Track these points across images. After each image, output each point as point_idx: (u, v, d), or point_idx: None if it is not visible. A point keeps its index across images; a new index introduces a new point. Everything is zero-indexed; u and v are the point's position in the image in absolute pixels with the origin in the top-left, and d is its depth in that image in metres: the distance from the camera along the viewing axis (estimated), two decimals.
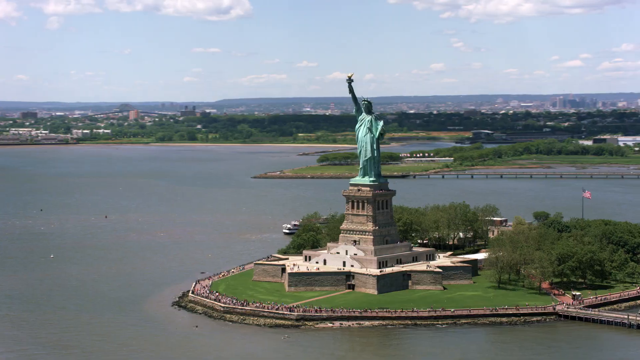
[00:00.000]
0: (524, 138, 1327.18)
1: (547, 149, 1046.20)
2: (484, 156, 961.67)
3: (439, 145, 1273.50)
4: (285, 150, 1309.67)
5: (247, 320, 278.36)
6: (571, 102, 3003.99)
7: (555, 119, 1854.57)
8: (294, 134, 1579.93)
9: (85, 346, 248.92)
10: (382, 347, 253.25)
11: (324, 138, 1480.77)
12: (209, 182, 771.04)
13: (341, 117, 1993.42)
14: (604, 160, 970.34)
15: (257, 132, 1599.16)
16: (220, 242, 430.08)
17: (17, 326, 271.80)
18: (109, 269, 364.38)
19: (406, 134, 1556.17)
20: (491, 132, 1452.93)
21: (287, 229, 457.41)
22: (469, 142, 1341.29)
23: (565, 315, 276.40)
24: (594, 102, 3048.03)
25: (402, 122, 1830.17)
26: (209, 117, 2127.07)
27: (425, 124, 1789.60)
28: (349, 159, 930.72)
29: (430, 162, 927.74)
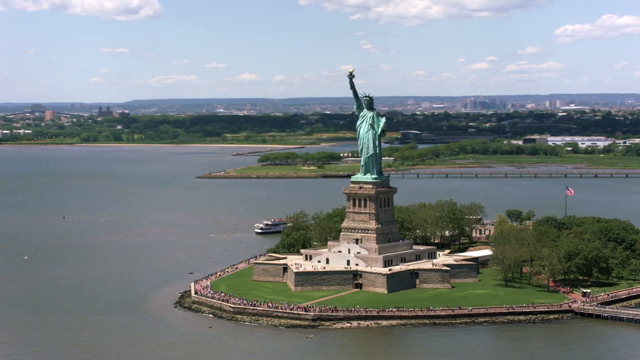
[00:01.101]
0: (452, 138, 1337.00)
1: (483, 148, 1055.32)
2: (423, 156, 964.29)
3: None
4: (215, 150, 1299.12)
5: (260, 321, 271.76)
6: (482, 103, 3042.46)
7: (476, 120, 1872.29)
8: (222, 135, 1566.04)
9: (103, 348, 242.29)
10: (406, 347, 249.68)
11: (253, 139, 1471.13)
12: (156, 182, 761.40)
13: (263, 118, 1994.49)
14: (540, 159, 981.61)
15: (184, 133, 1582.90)
16: (195, 243, 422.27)
17: (24, 328, 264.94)
18: (95, 270, 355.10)
19: (334, 135, 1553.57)
20: (419, 133, 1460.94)
21: (260, 228, 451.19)
22: (398, 142, 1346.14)
23: (581, 313, 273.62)
24: (504, 103, 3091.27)
25: (326, 122, 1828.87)
26: (128, 117, 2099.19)
27: (350, 125, 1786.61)
28: (289, 158, 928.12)
29: None
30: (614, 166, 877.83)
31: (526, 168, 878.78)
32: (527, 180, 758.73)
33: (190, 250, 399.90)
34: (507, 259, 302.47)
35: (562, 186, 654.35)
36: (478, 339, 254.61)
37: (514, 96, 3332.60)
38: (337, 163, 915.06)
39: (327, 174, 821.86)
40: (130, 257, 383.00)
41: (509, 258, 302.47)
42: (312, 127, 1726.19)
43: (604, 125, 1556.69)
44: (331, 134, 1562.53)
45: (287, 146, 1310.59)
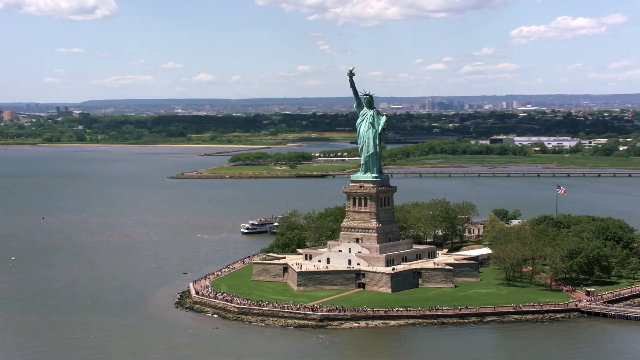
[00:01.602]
0: (417, 138, 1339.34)
1: (452, 148, 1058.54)
2: (394, 156, 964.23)
3: (336, 145, 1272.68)
4: (181, 151, 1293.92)
5: (266, 321, 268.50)
6: (440, 104, 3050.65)
7: (439, 120, 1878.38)
8: (186, 135, 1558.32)
9: (116, 350, 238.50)
10: (417, 347, 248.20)
11: (218, 139, 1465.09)
12: (129, 182, 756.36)
13: (226, 119, 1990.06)
14: (510, 159, 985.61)
15: (148, 133, 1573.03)
16: (182, 243, 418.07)
17: (28, 330, 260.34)
18: (87, 270, 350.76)
19: (300, 135, 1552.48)
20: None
21: (246, 228, 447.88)
22: None
23: (588, 312, 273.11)
24: (462, 104, 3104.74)
25: (290, 123, 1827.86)
26: (89, 117, 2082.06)
27: (313, 125, 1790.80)
28: (260, 159, 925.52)
29: (342, 162, 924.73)
30: (584, 166, 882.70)
31: (498, 168, 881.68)
32: (500, 180, 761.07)
33: (179, 250, 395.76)
34: (510, 258, 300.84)
35: (538, 186, 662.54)
36: (487, 338, 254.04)
37: (472, 97, 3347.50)
38: (308, 163, 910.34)
39: (301, 174, 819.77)
40: (120, 258, 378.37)
41: (512, 257, 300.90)
42: (276, 127, 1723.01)
43: (565, 125, 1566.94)
44: (296, 134, 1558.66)
45: (253, 146, 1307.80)
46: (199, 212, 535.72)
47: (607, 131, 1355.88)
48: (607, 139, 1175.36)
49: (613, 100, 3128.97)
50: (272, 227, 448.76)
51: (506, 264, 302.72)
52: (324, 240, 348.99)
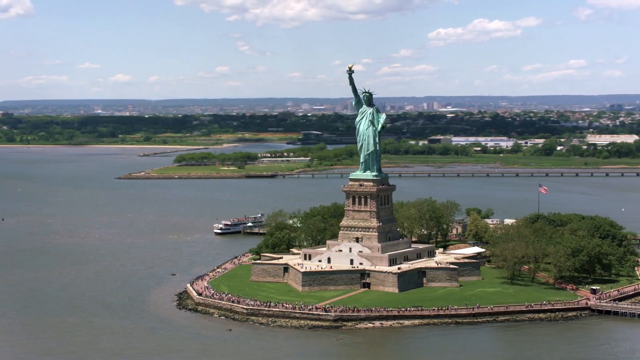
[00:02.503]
0: (353, 139, 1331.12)
1: (394, 148, 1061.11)
2: (338, 156, 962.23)
3: (274, 146, 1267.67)
4: (117, 151, 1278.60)
5: (278, 322, 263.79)
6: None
7: None
8: (118, 135, 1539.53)
9: (133, 354, 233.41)
10: (438, 346, 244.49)
11: (153, 139, 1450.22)
12: (77, 183, 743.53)
13: (155, 119, 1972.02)
14: (453, 159, 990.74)
15: (79, 134, 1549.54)
16: (158, 244, 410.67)
17: (32, 333, 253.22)
18: (74, 272, 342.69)
19: (234, 135, 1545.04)
20: (320, 133, 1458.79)
21: (219, 229, 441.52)
22: (300, 142, 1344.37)
23: (599, 310, 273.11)
24: (382, 105, 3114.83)
25: (220, 123, 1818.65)
26: (13, 117, 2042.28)
27: (245, 126, 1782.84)
28: (205, 159, 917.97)
29: (287, 162, 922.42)
30: (528, 166, 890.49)
31: (444, 168, 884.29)
32: (451, 180, 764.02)
33: (158, 251, 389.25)
34: (514, 257, 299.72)
35: (494, 185, 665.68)
36: (503, 337, 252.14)
37: (392, 98, 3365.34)
38: (253, 163, 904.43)
39: (251, 174, 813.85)
40: (101, 260, 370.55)
41: (515, 256, 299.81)
42: (208, 128, 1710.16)
43: (494, 126, 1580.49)
44: (230, 135, 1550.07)
45: (190, 147, 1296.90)
46: (163, 213, 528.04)
47: (537, 132, 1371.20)
48: (543, 139, 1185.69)
49: (529, 101, 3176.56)
50: (245, 228, 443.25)
51: (509, 262, 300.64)
52: (316, 240, 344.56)
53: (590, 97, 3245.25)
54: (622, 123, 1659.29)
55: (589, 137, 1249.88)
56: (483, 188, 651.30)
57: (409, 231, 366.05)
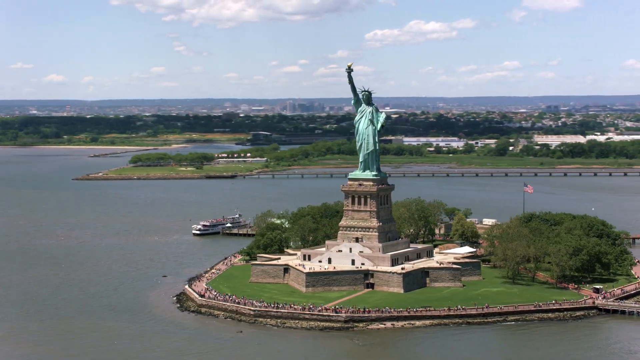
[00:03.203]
0: (302, 139, 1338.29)
1: (349, 149, 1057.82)
2: (294, 156, 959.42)
3: (225, 147, 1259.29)
4: (65, 152, 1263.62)
5: (287, 324, 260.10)
6: (301, 106, 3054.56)
7: (314, 122, 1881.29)
8: (62, 136, 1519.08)
9: (145, 356, 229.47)
10: (457, 347, 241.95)
11: (101, 140, 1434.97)
12: (37, 185, 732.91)
13: (97, 119, 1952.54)
14: (408, 159, 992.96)
15: (23, 135, 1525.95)
16: (138, 245, 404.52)
17: (37, 337, 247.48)
18: (63, 274, 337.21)
19: (181, 136, 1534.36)
20: (269, 134, 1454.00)
21: (198, 230, 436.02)
22: (249, 143, 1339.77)
23: (606, 309, 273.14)
24: (322, 106, 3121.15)
25: (165, 124, 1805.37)
26: None
27: (190, 127, 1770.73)
28: (162, 159, 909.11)
29: (243, 163, 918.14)
30: (485, 166, 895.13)
31: (401, 168, 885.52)
32: (412, 180, 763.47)
33: (141, 252, 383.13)
34: (516, 256, 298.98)
35: (458, 185, 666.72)
36: (518, 337, 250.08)
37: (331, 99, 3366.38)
38: (210, 164, 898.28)
39: (211, 174, 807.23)
40: (86, 261, 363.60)
41: (518, 255, 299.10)
42: (154, 128, 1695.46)
43: (439, 126, 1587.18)
44: (178, 136, 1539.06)
45: (141, 148, 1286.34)
46: (134, 214, 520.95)
47: (483, 132, 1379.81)
48: (493, 139, 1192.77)
49: (466, 102, 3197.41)
50: (224, 228, 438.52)
51: (511, 262, 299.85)
52: (307, 240, 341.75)
53: (525, 99, 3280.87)
54: (564, 124, 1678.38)
55: (536, 137, 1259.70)
56: (448, 188, 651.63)
57: (399, 231, 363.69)
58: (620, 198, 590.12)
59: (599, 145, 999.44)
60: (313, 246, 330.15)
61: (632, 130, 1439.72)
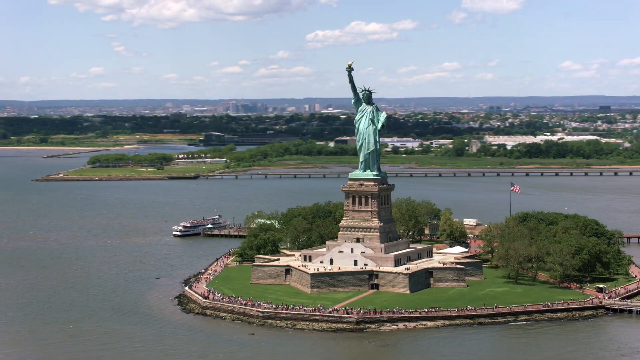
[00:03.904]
0: (254, 140, 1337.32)
1: (307, 149, 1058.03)
2: (254, 157, 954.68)
3: (175, 147, 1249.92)
4: (16, 153, 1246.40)
5: (298, 325, 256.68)
6: (244, 106, 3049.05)
7: (263, 122, 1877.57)
8: (15, 137, 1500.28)
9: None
10: (476, 348, 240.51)
11: (51, 141, 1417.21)
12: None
13: (44, 120, 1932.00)
14: None
15: None
16: (122, 247, 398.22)
17: (43, 340, 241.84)
18: (56, 276, 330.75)
19: (131, 137, 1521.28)
20: (221, 135, 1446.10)
21: (178, 231, 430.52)
22: (202, 144, 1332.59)
23: (613, 309, 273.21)
24: (265, 107, 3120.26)
25: (113, 125, 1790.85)
26: None
27: (138, 127, 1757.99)
28: (120, 160, 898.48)
29: (203, 164, 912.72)
30: (444, 166, 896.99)
31: None
32: None
33: (127, 254, 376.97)
34: (519, 256, 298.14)
35: (426, 185, 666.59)
36: (532, 337, 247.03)
37: (273, 99, 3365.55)
38: (169, 164, 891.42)
39: (173, 175, 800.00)
40: (74, 264, 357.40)
41: (520, 255, 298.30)
42: (102, 129, 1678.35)
43: (388, 127, 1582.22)
44: (128, 136, 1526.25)
45: (93, 148, 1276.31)
46: (108, 215, 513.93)
47: (434, 133, 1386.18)
48: (446, 140, 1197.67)
49: (407, 103, 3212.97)
50: (205, 229, 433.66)
51: (514, 262, 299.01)
52: (300, 241, 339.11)
53: (465, 99, 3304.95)
54: (511, 124, 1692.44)
55: (487, 137, 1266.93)
56: (415, 188, 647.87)
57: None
58: (589, 197, 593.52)
59: (555, 145, 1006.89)
60: (306, 247, 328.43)
61: (580, 131, 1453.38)
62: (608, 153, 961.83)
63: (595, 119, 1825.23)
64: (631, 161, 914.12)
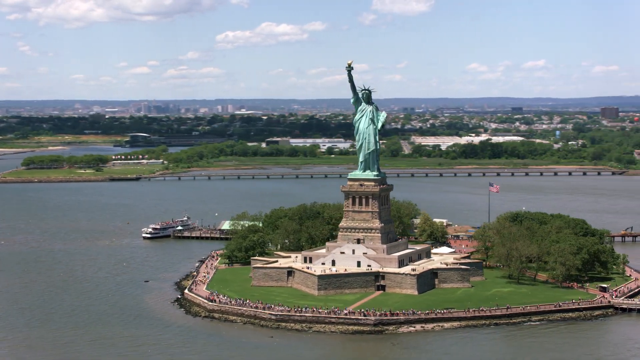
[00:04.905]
0: (181, 141, 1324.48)
1: (242, 150, 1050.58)
2: (190, 158, 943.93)
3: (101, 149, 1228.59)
4: None
5: (315, 328, 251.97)
6: (156, 107, 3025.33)
7: (184, 123, 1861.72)
8: None
9: None
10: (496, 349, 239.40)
11: None
12: None
13: None
14: (304, 161, 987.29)
15: None
16: (95, 250, 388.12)
17: (49, 345, 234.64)
18: (42, 280, 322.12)
19: (54, 138, 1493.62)
20: (147, 135, 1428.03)
21: (148, 233, 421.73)
22: (128, 145, 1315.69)
23: (622, 308, 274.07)
24: (177, 108, 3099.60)
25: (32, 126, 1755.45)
26: None
27: (57, 128, 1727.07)
28: (56, 162, 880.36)
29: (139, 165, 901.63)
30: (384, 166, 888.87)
31: (300, 169, 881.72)
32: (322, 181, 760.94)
33: (104, 258, 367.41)
34: (521, 256, 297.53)
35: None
36: (551, 337, 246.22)
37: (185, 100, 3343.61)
38: (106, 166, 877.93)
39: (115, 177, 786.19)
40: (55, 267, 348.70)
41: (523, 255, 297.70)
42: (21, 130, 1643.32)
43: (312, 128, 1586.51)
44: (50, 137, 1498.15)
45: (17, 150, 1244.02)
46: (66, 217, 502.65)
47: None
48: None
49: (319, 104, 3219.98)
50: (175, 231, 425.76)
51: (516, 262, 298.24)
52: (288, 242, 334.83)
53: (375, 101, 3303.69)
54: (432, 125, 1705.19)
55: (413, 138, 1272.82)
56: None
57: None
58: (543, 197, 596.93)
59: (490, 145, 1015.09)
60: (297, 249, 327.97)
61: (502, 132, 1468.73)
62: (542, 153, 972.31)
63: (513, 120, 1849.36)
64: (566, 161, 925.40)
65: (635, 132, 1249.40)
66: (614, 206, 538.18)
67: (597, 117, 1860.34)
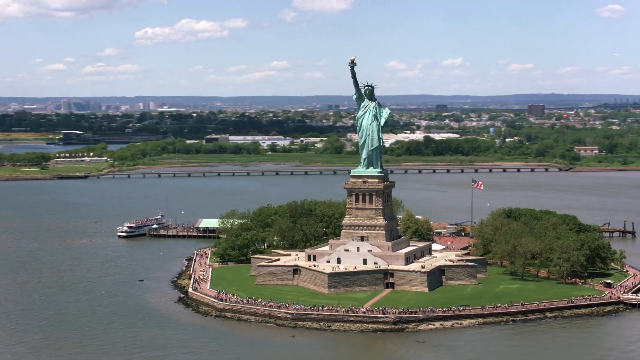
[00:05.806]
0: (116, 139, 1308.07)
1: (185, 148, 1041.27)
2: (134, 155, 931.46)
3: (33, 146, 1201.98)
4: None
5: (333, 327, 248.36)
6: (76, 105, 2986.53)
7: (113, 121, 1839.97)
8: None
9: None
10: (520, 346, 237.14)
11: None
12: None
13: None
14: (248, 158, 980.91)
15: None
16: (76, 250, 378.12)
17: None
18: (34, 282, 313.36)
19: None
20: (82, 133, 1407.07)
21: (124, 232, 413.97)
22: (62, 142, 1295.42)
23: (632, 304, 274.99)
24: (98, 105, 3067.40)
25: None
26: None
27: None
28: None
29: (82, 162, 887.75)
30: (330, 164, 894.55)
31: (248, 167, 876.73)
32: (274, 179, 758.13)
33: (87, 257, 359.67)
34: (526, 252, 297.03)
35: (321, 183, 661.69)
36: (570, 333, 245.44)
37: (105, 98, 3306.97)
38: (49, 164, 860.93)
39: (63, 175, 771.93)
40: (42, 267, 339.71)
41: (528, 251, 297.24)
42: None
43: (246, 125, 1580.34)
44: None
45: None
46: (31, 216, 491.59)
47: (293, 131, 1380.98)
48: (317, 138, 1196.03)
49: (242, 102, 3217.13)
50: (151, 230, 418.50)
51: (521, 259, 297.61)
52: (288, 240, 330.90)
53: (297, 98, 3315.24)
54: None
55: (350, 135, 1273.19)
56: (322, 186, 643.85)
57: None
58: (508, 194, 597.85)
59: (434, 142, 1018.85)
60: (291, 247, 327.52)
61: (435, 129, 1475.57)
62: (485, 150, 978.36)
63: (442, 117, 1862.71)
64: (510, 158, 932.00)
65: (566, 128, 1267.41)
66: (577, 202, 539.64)
67: (524, 114, 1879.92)
